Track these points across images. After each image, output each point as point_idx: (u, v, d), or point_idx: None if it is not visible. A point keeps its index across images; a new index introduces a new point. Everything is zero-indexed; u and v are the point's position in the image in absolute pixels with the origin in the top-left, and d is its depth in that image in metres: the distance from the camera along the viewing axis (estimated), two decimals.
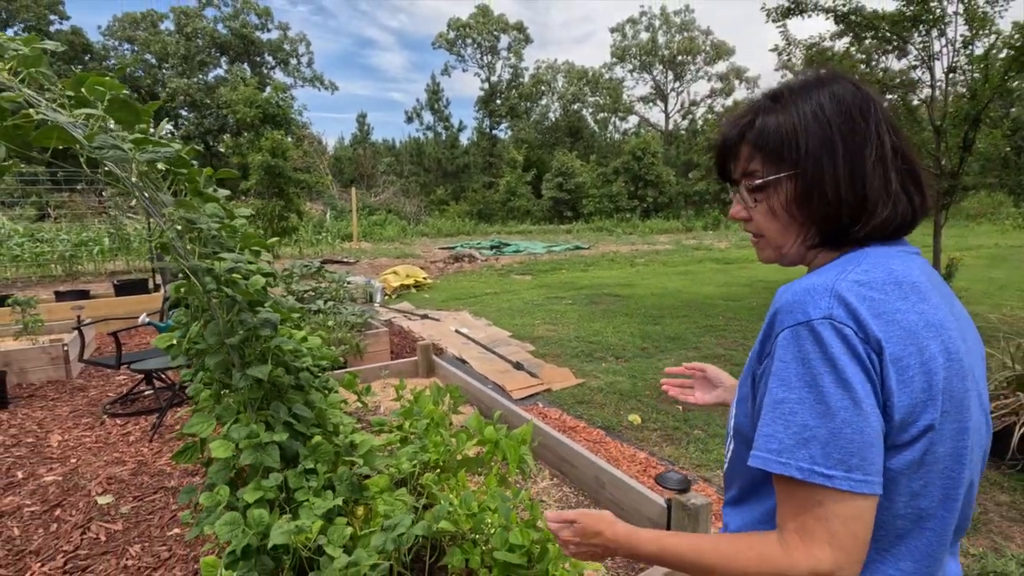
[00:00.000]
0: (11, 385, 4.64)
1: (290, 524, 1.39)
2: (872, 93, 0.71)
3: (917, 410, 0.61)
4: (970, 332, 0.73)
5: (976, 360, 0.71)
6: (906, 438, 0.61)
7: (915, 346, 0.61)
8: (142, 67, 35.06)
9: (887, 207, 0.68)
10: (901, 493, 0.63)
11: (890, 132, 0.70)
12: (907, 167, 0.70)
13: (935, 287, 0.69)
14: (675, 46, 40.02)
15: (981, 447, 0.70)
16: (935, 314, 0.64)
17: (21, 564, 2.43)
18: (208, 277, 1.49)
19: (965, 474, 0.66)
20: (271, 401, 1.81)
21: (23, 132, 1.31)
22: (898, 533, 0.65)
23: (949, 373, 0.63)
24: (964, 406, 0.64)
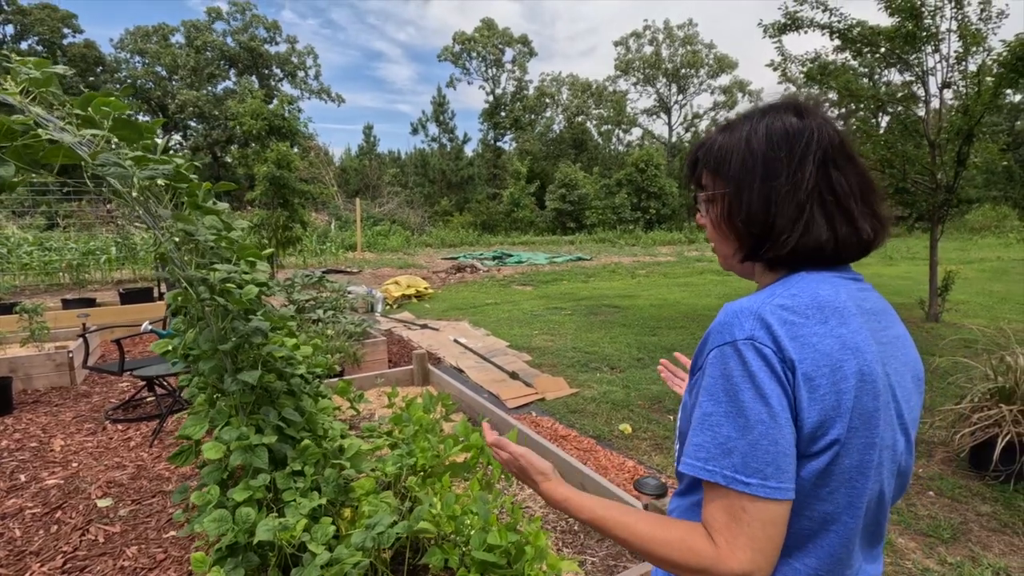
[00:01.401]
0: (17, 391, 4.75)
1: (275, 522, 1.46)
2: (815, 127, 0.74)
3: (826, 425, 0.66)
4: (900, 356, 0.76)
5: (902, 382, 0.75)
6: (814, 449, 0.67)
7: (828, 367, 0.66)
8: (152, 79, 35.64)
9: (794, 235, 0.72)
10: (808, 498, 0.69)
11: (826, 164, 0.73)
12: (835, 199, 0.73)
13: (866, 313, 0.73)
14: (678, 59, 40.37)
15: (894, 462, 0.74)
16: (853, 338, 0.68)
17: (21, 564, 2.50)
18: (202, 286, 1.58)
19: (870, 485, 0.70)
20: (263, 406, 1.89)
21: (33, 151, 1.40)
22: (805, 534, 0.71)
23: (860, 392, 0.67)
24: (873, 423, 0.68)
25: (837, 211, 0.73)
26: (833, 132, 0.75)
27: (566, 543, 2.38)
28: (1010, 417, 2.92)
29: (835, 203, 0.73)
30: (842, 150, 0.75)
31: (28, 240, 12.41)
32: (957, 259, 14.88)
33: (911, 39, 6.51)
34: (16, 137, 1.32)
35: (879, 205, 0.77)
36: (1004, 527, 2.61)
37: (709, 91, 41.71)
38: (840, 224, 0.73)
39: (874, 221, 0.75)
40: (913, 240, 20.86)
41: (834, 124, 0.77)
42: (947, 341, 5.93)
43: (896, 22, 6.73)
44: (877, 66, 8.05)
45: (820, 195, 0.73)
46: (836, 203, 0.73)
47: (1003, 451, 2.88)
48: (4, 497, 3.09)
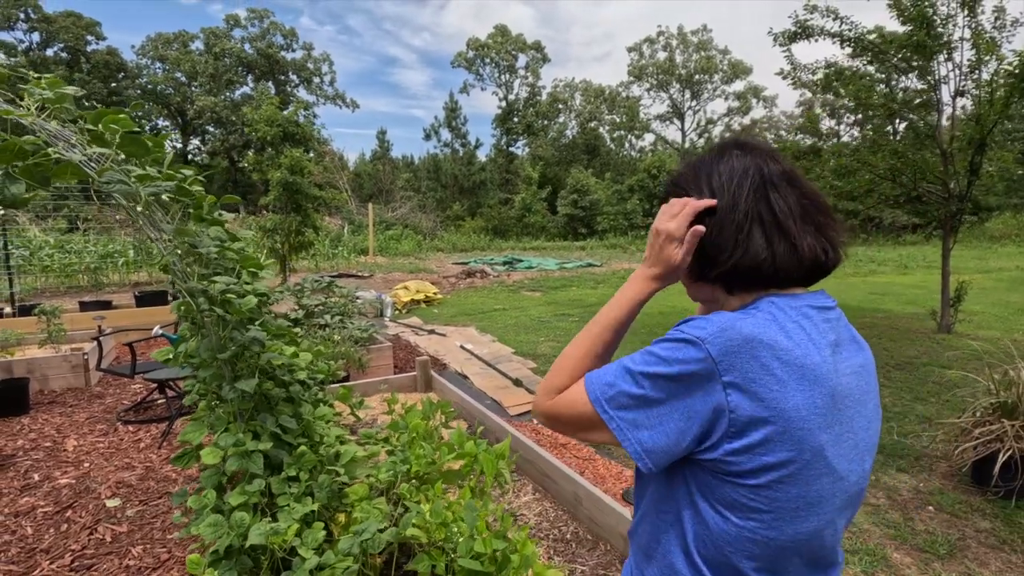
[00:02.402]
0: (33, 391, 4.88)
1: (267, 526, 1.51)
2: (752, 159, 0.80)
3: (764, 450, 0.68)
4: (863, 384, 0.77)
5: (853, 413, 0.74)
6: (752, 468, 0.68)
7: (785, 404, 0.67)
8: (172, 85, 36.33)
9: (735, 254, 0.77)
10: (750, 518, 0.71)
11: (764, 188, 0.77)
12: (773, 219, 0.76)
13: (828, 346, 0.73)
14: (692, 65, 40.26)
15: (844, 493, 0.74)
16: (814, 372, 0.69)
17: (32, 561, 2.59)
18: (202, 297, 1.65)
19: (812, 517, 0.71)
20: (261, 412, 1.95)
21: (43, 168, 1.48)
22: (745, 551, 0.73)
23: (814, 426, 0.68)
24: (823, 456, 0.69)
25: (775, 230, 0.76)
26: (772, 162, 0.80)
27: (558, 551, 2.41)
28: (1012, 432, 2.89)
29: (773, 223, 0.76)
30: (782, 176, 0.79)
31: (49, 243, 12.72)
32: (975, 268, 14.64)
33: (922, 48, 6.46)
34: (27, 156, 1.40)
35: (826, 224, 0.79)
36: (1002, 544, 2.59)
37: (723, 97, 41.56)
38: (778, 242, 0.76)
39: (819, 238, 0.77)
40: (930, 249, 20.57)
41: (774, 155, 0.82)
42: (955, 353, 5.85)
43: (908, 30, 6.68)
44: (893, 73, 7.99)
45: (759, 216, 0.77)
46: (774, 223, 0.76)
47: (1004, 467, 2.86)
48: (18, 495, 3.19)
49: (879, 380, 5.06)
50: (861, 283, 12.69)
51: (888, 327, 7.48)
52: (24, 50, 33.35)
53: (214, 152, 37.44)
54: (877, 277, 13.91)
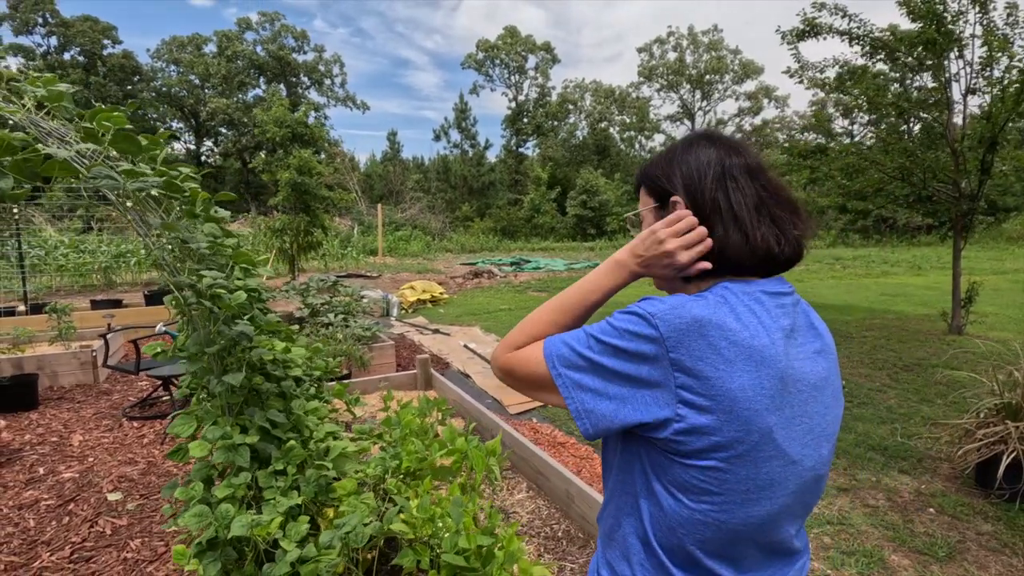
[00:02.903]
0: (43, 387, 4.97)
1: (249, 518, 1.53)
2: (715, 151, 0.83)
3: (711, 430, 0.69)
4: (818, 370, 0.77)
5: (807, 397, 0.75)
6: (699, 448, 0.69)
7: (730, 384, 0.68)
8: (186, 87, 36.79)
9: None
10: (702, 501, 0.72)
11: (723, 180, 0.80)
12: (730, 209, 0.79)
13: (780, 331, 0.74)
14: (703, 65, 40.02)
15: (798, 478, 0.74)
16: (761, 355, 0.70)
17: (32, 553, 2.63)
18: (189, 291, 1.67)
19: (764, 500, 0.72)
20: (250, 406, 1.96)
21: (32, 164, 1.50)
22: (696, 535, 0.73)
23: (761, 408, 0.69)
24: (771, 438, 0.70)
25: (731, 220, 0.78)
26: (734, 154, 0.82)
27: (548, 549, 2.41)
28: (1016, 434, 2.84)
29: (729, 213, 0.78)
30: (743, 169, 0.81)
31: (64, 243, 12.93)
32: (990, 269, 14.39)
33: (933, 44, 6.37)
34: (16, 151, 1.42)
35: (782, 217, 0.80)
36: (1004, 547, 2.54)
37: (734, 97, 41.29)
38: (732, 231, 0.78)
39: (773, 230, 0.78)
40: (944, 250, 20.26)
41: (739, 148, 0.84)
42: (965, 354, 5.76)
43: (918, 27, 6.59)
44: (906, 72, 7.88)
45: (717, 206, 0.79)
46: (730, 213, 0.78)
47: (1008, 469, 2.81)
48: (22, 489, 3.25)
49: (887, 381, 4.98)
50: (873, 284, 12.53)
51: (898, 328, 7.38)
52: (42, 54, 33.97)
53: (226, 153, 37.86)
54: (889, 278, 13.73)
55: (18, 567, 2.53)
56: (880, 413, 4.21)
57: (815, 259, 18.05)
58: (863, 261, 17.44)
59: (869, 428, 3.91)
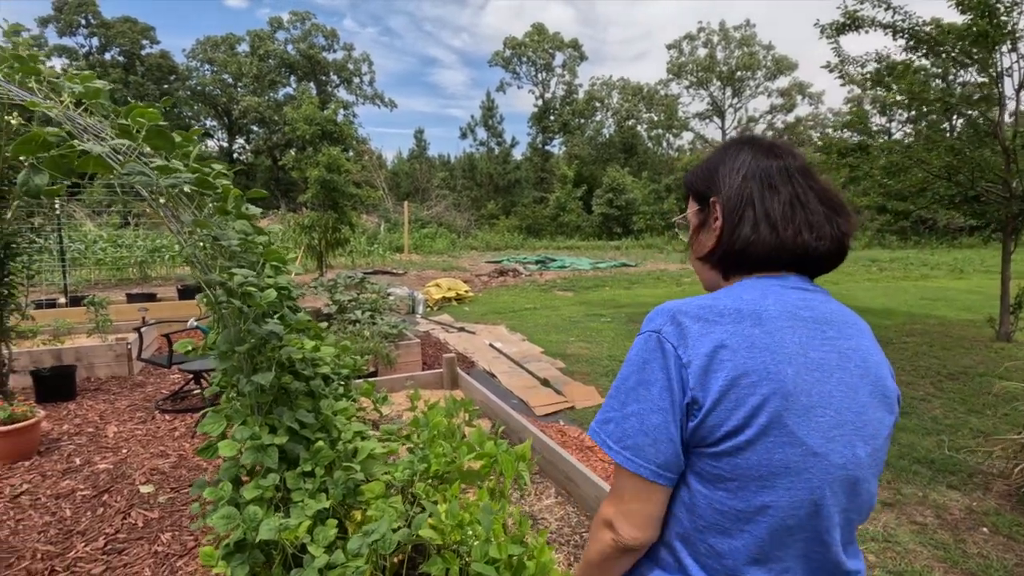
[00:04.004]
0: (80, 379, 5.10)
1: (277, 521, 1.50)
2: (751, 156, 0.88)
3: (720, 416, 0.72)
4: (850, 367, 0.78)
5: (852, 394, 0.76)
6: (715, 437, 0.73)
7: (732, 369, 0.72)
8: (219, 86, 37.65)
9: (730, 240, 0.85)
10: (719, 489, 0.74)
11: (759, 182, 0.85)
12: (764, 210, 0.83)
13: (803, 320, 0.77)
14: (734, 61, 39.21)
15: (832, 472, 0.74)
16: (767, 339, 0.74)
17: (68, 543, 2.68)
18: (220, 289, 1.65)
19: (786, 487, 0.72)
20: (280, 405, 1.94)
21: (68, 160, 1.50)
22: (722, 524, 0.75)
23: (768, 392, 0.71)
24: (782, 424, 0.71)
25: (763, 218, 0.82)
26: (769, 156, 0.87)
27: (578, 558, 2.34)
28: None
29: (762, 211, 0.83)
30: (780, 170, 0.85)
31: (103, 237, 13.33)
32: None
33: (983, 38, 6.06)
34: (51, 148, 1.42)
35: (822, 214, 0.83)
36: None
37: (766, 94, 40.32)
38: (764, 229, 0.82)
39: (808, 227, 0.82)
40: (988, 252, 19.45)
41: (775, 149, 0.89)
42: (1015, 363, 5.47)
43: (967, 20, 6.28)
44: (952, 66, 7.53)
45: (752, 204, 0.84)
46: (763, 212, 0.83)
47: None
48: (60, 478, 3.32)
49: (931, 390, 4.76)
50: (912, 287, 12.09)
51: (941, 334, 7.08)
52: (85, 54, 35.14)
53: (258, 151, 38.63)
54: (929, 281, 13.22)
55: (54, 556, 2.57)
56: (925, 424, 4.02)
57: (850, 261, 17.51)
58: (901, 263, 16.86)
59: (914, 439, 3.73)
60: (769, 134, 38.21)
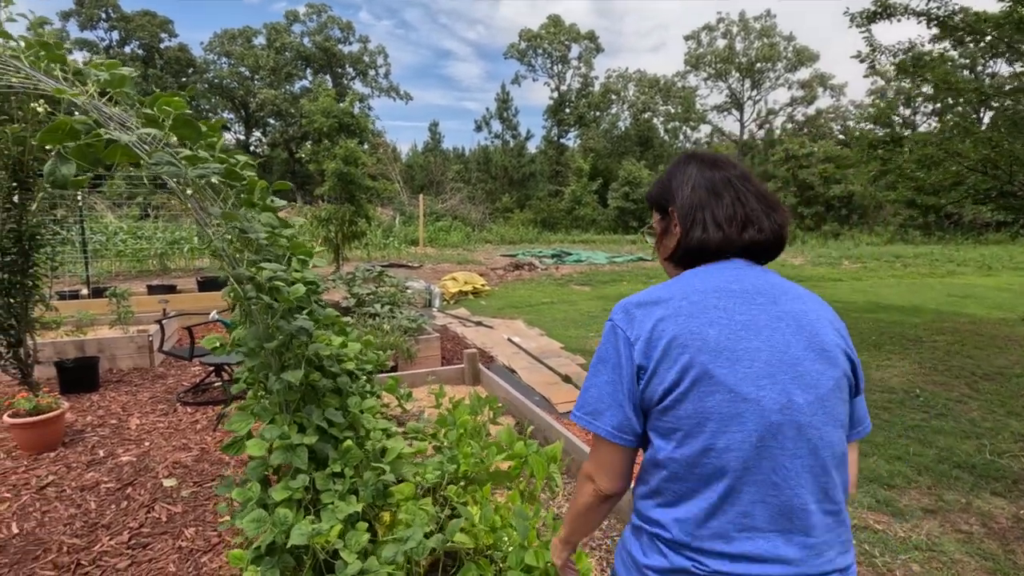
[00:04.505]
0: (103, 370, 5.13)
1: (309, 526, 1.44)
2: (702, 169, 1.04)
3: (660, 377, 0.87)
4: (783, 327, 0.89)
5: (787, 349, 0.87)
6: (659, 395, 0.87)
7: (652, 338, 0.89)
8: (237, 80, 37.87)
9: (684, 242, 1.01)
10: (671, 442, 0.87)
11: (709, 192, 1.00)
12: (711, 214, 0.99)
13: (731, 293, 0.91)
14: (753, 53, 38.50)
15: (760, 418, 0.83)
16: (692, 309, 0.89)
17: (93, 536, 2.67)
18: (249, 284, 1.59)
19: (721, 433, 0.83)
20: (307, 403, 1.89)
21: (95, 149, 1.45)
22: (675, 476, 0.88)
23: (694, 350, 0.85)
24: (708, 377, 0.84)
25: (710, 221, 0.98)
26: (712, 168, 1.03)
27: (610, 563, 2.27)
28: None
29: (709, 215, 0.99)
30: (722, 181, 1.01)
31: (123, 229, 13.47)
32: None
33: None
34: (78, 136, 1.37)
35: (761, 211, 0.99)
36: None
37: (786, 86, 39.51)
38: (712, 229, 0.98)
39: (750, 224, 0.98)
40: (1017, 249, 18.93)
41: (716, 162, 1.05)
42: None
43: (1007, 7, 6.03)
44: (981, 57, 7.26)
45: (698, 211, 1.00)
46: (710, 215, 0.98)
47: None
48: (84, 470, 3.32)
49: (966, 391, 4.60)
50: (938, 284, 11.79)
51: (972, 333, 6.87)
52: (105, 48, 35.53)
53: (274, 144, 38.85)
54: (956, 278, 12.89)
55: (80, 549, 2.57)
56: (963, 426, 3.88)
57: (873, 257, 17.16)
58: (926, 259, 16.46)
59: (952, 443, 3.60)
60: (789, 127, 37.53)
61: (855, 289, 11.14)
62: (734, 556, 0.84)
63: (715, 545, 0.84)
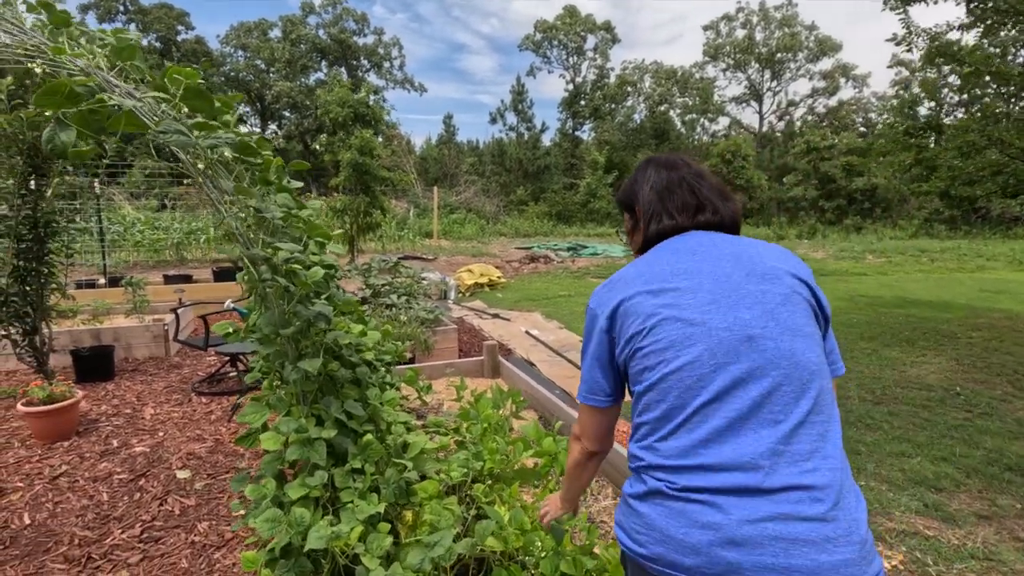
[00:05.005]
0: (119, 359, 5.09)
1: (327, 528, 1.32)
2: (658, 171, 1.19)
3: (627, 332, 1.00)
4: (724, 266, 1.00)
5: (729, 279, 0.98)
6: (631, 349, 0.99)
7: (611, 305, 1.03)
8: (253, 72, 38.00)
9: (646, 232, 1.16)
10: (642, 382, 0.98)
11: (663, 191, 1.16)
12: (665, 207, 1.14)
13: (675, 251, 1.06)
14: (774, 43, 37.72)
15: (709, 336, 0.92)
16: (642, 268, 1.05)
17: (105, 528, 2.59)
18: (264, 266, 1.47)
19: (679, 349, 0.93)
20: (326, 395, 1.77)
21: (99, 117, 1.33)
22: (652, 403, 0.96)
23: (645, 298, 0.99)
24: (660, 315, 0.96)
25: (665, 214, 1.13)
26: (665, 169, 1.18)
27: None
28: None
29: (664, 208, 1.13)
30: (675, 180, 1.16)
31: (141, 220, 13.54)
32: None
33: None
34: (79, 101, 1.25)
35: (714, 201, 1.14)
36: None
37: (807, 76, 38.69)
38: (667, 220, 1.12)
39: (699, 211, 1.12)
40: None
41: (669, 163, 1.19)
42: None
43: None
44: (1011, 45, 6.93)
45: (656, 206, 1.14)
46: (666, 210, 1.13)
47: None
48: (98, 460, 3.26)
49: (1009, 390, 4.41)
50: (968, 279, 11.41)
51: (1009, 328, 6.59)
52: None
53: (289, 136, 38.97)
54: (987, 273, 12.48)
55: (91, 542, 2.49)
56: (1009, 427, 3.67)
57: (897, 251, 16.71)
58: (953, 254, 15.98)
59: (1000, 444, 3.40)
60: (809, 119, 36.78)
61: (881, 284, 10.82)
62: (700, 468, 0.87)
63: (683, 460, 0.89)
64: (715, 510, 0.84)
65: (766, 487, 0.83)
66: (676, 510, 0.87)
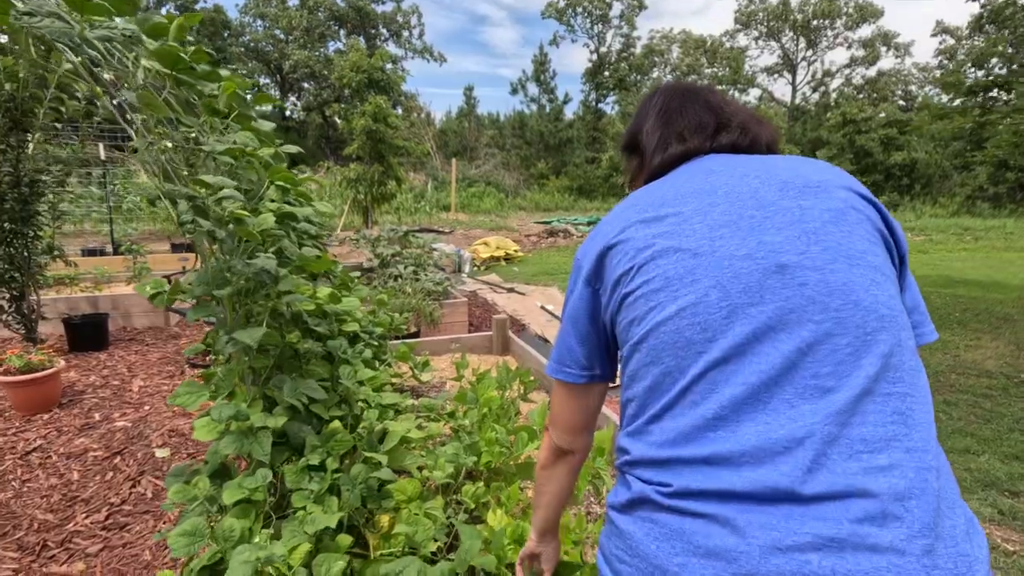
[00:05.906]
0: (116, 328, 4.89)
1: (260, 548, 1.00)
2: (664, 95, 0.94)
3: (615, 273, 0.74)
4: (749, 180, 0.72)
5: (754, 195, 0.70)
6: (620, 293, 0.73)
7: (612, 244, 0.75)
8: (271, 42, 37.59)
9: (652, 159, 0.89)
10: (633, 333, 0.71)
11: (672, 114, 0.91)
12: (672, 130, 0.89)
13: (694, 172, 0.79)
14: (810, 9, 35.82)
15: (718, 267, 0.65)
16: (631, 202, 0.80)
17: (69, 512, 2.36)
18: (186, 204, 1.13)
19: (680, 294, 0.66)
20: (284, 373, 1.44)
21: None
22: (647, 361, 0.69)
23: (636, 231, 0.73)
24: (654, 248, 0.70)
25: (674, 137, 0.87)
26: (680, 97, 0.92)
27: None
28: None
29: (673, 132, 0.88)
30: (693, 100, 0.91)
31: None
32: None
33: None
34: None
35: (726, 125, 0.87)
36: None
37: (846, 44, 36.75)
38: (675, 144, 0.87)
39: (713, 134, 0.86)
40: None
41: (692, 90, 0.94)
42: None
43: None
44: None
45: (664, 129, 0.89)
46: (674, 132, 0.88)
47: None
48: (75, 435, 3.04)
49: None
50: (1018, 259, 10.68)
51: None
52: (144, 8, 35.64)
53: (308, 108, 38.66)
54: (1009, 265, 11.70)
55: (51, 528, 2.25)
56: None
57: (938, 229, 15.82)
58: (998, 232, 15.05)
59: None
60: (846, 90, 35.07)
61: (923, 262, 10.17)
62: (705, 461, 0.59)
63: (681, 450, 0.62)
64: (727, 530, 0.54)
65: (808, 494, 0.52)
66: (670, 529, 0.58)
